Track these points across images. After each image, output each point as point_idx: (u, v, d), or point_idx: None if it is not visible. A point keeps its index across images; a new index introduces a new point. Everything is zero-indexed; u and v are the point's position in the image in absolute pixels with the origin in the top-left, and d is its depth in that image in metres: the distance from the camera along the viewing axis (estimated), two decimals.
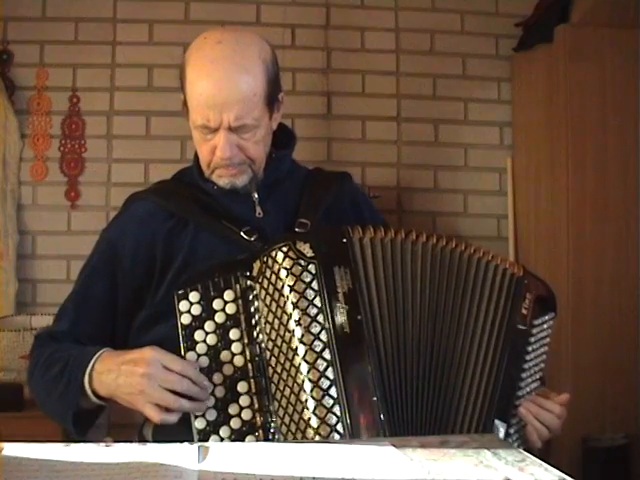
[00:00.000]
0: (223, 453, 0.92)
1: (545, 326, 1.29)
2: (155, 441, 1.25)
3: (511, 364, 1.22)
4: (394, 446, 0.95)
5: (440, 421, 1.17)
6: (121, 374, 1.15)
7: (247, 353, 1.17)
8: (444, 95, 2.86)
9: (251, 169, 1.34)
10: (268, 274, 1.17)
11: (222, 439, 1.14)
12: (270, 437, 1.14)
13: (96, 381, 1.19)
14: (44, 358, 1.29)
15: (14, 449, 0.90)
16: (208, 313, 1.18)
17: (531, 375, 1.26)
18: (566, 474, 0.84)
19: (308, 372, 1.12)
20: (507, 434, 1.21)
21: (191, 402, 1.12)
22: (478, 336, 1.21)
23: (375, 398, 1.12)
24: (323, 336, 1.13)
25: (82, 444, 0.93)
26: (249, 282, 1.20)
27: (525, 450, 1.22)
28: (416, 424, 1.15)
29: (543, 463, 0.89)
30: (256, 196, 1.37)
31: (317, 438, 1.09)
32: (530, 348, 1.25)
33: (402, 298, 1.19)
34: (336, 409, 1.10)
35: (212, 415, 1.15)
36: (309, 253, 1.16)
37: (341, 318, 1.14)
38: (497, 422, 1.19)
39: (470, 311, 1.22)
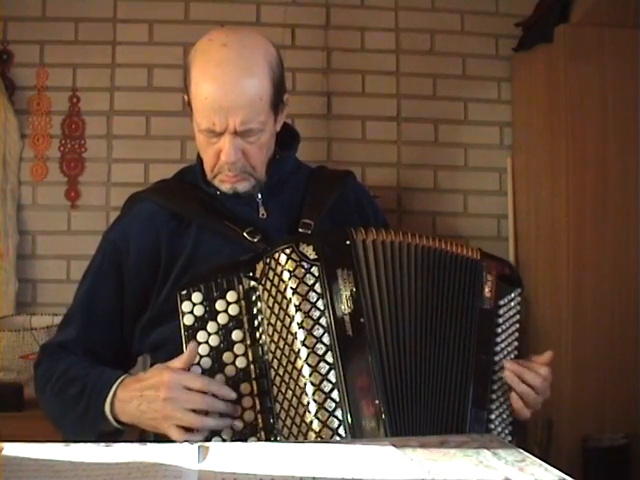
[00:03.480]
0: (223, 453, 0.92)
1: (512, 303, 1.29)
2: (155, 441, 1.25)
3: (481, 349, 1.23)
4: (394, 446, 0.95)
5: (441, 421, 1.17)
6: (143, 401, 1.14)
7: (250, 354, 1.17)
8: (444, 95, 2.86)
9: (253, 177, 1.34)
10: (271, 276, 1.17)
11: (224, 440, 1.13)
12: (272, 439, 1.14)
13: (118, 409, 1.18)
14: (57, 374, 1.28)
15: (14, 449, 0.90)
16: (211, 314, 1.18)
17: (505, 356, 1.26)
18: (566, 474, 0.84)
19: (310, 375, 1.11)
20: (488, 420, 1.22)
21: (216, 419, 1.12)
22: (453, 330, 1.22)
23: (377, 401, 1.11)
24: (325, 339, 1.12)
25: (82, 444, 0.93)
26: (252, 283, 1.19)
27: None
28: (418, 426, 1.15)
29: (543, 463, 0.89)
30: (259, 197, 1.37)
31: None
32: (499, 329, 1.26)
33: (401, 300, 1.19)
34: (338, 413, 1.09)
35: None
36: (312, 255, 1.16)
37: (344, 321, 1.13)
38: (475, 410, 1.20)
39: (446, 308, 1.22)
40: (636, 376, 2.40)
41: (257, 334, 1.18)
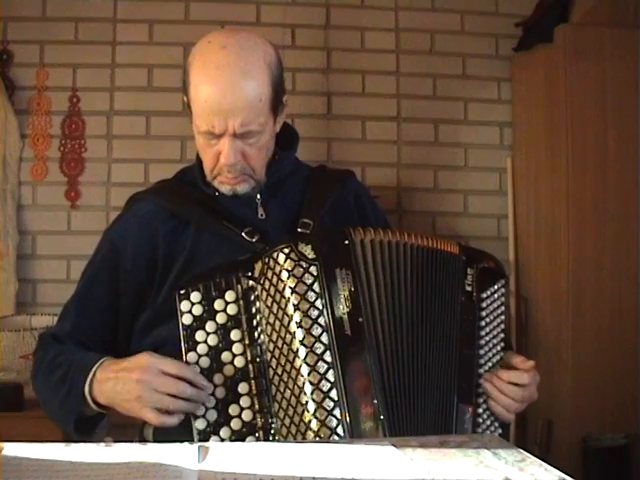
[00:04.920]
0: (223, 453, 0.92)
1: (496, 295, 1.30)
2: (155, 441, 1.25)
3: (464, 343, 1.23)
4: (394, 446, 0.95)
5: (433, 419, 1.18)
6: (118, 382, 1.15)
7: (248, 354, 1.17)
8: (444, 95, 2.86)
9: (252, 179, 1.34)
10: (269, 275, 1.17)
11: (222, 440, 1.14)
12: (270, 438, 1.14)
13: (96, 390, 1.19)
14: (47, 361, 1.30)
15: (14, 449, 0.90)
16: (209, 314, 1.18)
17: (491, 348, 1.27)
18: (566, 474, 0.85)
19: (309, 374, 1.12)
20: (476, 414, 1.22)
21: (189, 403, 1.13)
22: (440, 327, 1.23)
23: (376, 401, 1.12)
24: (324, 338, 1.13)
25: (82, 444, 0.93)
26: (251, 283, 1.19)
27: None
28: (415, 425, 1.15)
29: (543, 463, 0.89)
30: (258, 197, 1.37)
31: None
32: (483, 322, 1.26)
33: (398, 299, 1.20)
34: (336, 412, 1.10)
35: (212, 416, 1.14)
36: (311, 255, 1.16)
37: (342, 320, 1.14)
38: (462, 406, 1.20)
39: (434, 305, 1.23)
40: (636, 376, 2.40)
41: (256, 334, 1.18)
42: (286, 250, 1.17)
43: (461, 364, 1.22)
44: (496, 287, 1.30)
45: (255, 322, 1.18)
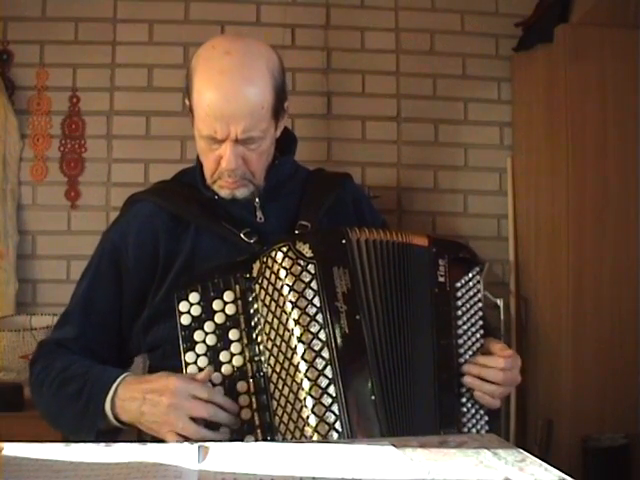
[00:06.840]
0: (223, 453, 0.92)
1: (471, 284, 1.29)
2: (155, 441, 1.25)
3: (442, 334, 1.24)
4: (394, 446, 0.95)
5: (427, 414, 1.18)
6: (146, 403, 1.15)
7: (246, 353, 1.18)
8: (444, 95, 2.86)
9: (252, 183, 1.34)
10: (267, 274, 1.18)
11: (222, 440, 1.14)
12: (269, 436, 1.14)
13: (119, 407, 1.18)
14: (55, 373, 1.28)
15: (14, 449, 0.90)
16: (208, 314, 1.19)
17: (470, 337, 1.26)
18: (566, 474, 0.85)
19: (307, 371, 1.12)
20: (460, 404, 1.22)
21: (214, 432, 1.12)
22: (419, 321, 1.23)
23: (373, 397, 1.13)
24: (322, 335, 1.14)
25: (82, 444, 0.93)
26: (249, 283, 1.20)
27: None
28: (411, 421, 1.16)
29: (543, 463, 0.89)
30: (257, 200, 1.38)
31: (315, 436, 1.10)
32: (459, 312, 1.26)
33: (391, 296, 1.21)
34: (334, 407, 1.11)
35: None
36: (308, 253, 1.17)
37: (340, 317, 1.15)
38: (444, 396, 1.20)
39: (414, 300, 1.23)
40: (636, 376, 2.40)
41: (254, 334, 1.19)
42: (284, 249, 1.18)
43: (440, 355, 1.23)
44: (470, 275, 1.30)
45: (253, 322, 1.19)
